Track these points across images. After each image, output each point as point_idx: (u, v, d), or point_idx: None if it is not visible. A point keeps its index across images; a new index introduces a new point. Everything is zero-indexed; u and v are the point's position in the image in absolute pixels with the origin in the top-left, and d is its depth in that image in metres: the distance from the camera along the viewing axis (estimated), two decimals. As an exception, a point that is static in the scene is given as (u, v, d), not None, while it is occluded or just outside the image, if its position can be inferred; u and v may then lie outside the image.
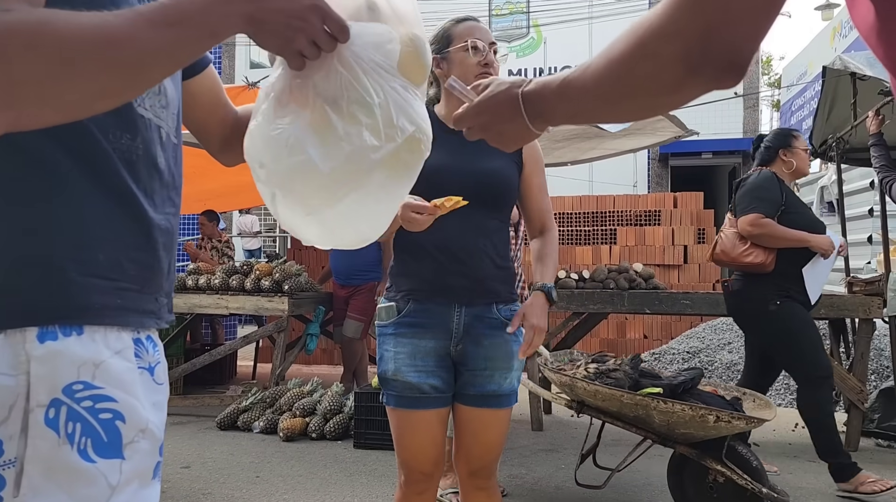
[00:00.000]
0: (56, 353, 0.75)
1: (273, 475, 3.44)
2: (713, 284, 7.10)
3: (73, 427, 0.75)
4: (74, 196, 0.78)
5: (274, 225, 13.10)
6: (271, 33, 0.77)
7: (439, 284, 1.73)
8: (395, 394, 1.74)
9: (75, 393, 0.76)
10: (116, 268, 0.81)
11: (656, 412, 2.54)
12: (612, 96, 0.81)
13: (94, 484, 0.77)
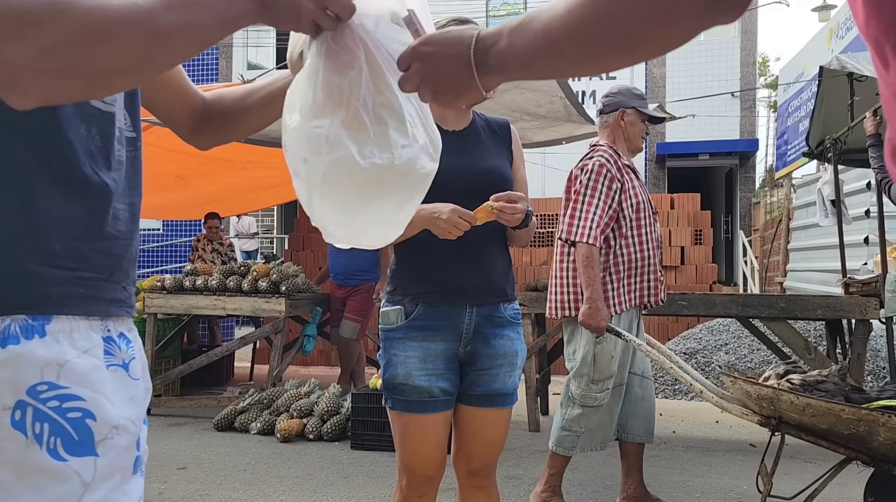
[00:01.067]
0: (18, 356, 0.75)
1: (270, 476, 3.44)
2: (709, 285, 7.12)
3: (41, 427, 0.76)
4: (29, 187, 0.78)
5: (271, 226, 13.09)
6: (282, 9, 0.78)
7: (452, 286, 1.72)
8: (404, 400, 1.71)
9: (40, 394, 0.76)
10: (76, 258, 0.81)
11: (884, 428, 2.22)
12: (589, 28, 0.71)
13: (67, 482, 0.77)
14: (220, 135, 1.12)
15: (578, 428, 2.78)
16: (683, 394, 5.75)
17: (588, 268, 2.62)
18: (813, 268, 7.89)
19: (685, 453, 3.95)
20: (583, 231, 2.65)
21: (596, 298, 2.59)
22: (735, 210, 12.64)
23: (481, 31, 0.81)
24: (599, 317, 2.58)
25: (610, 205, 2.71)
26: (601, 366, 2.71)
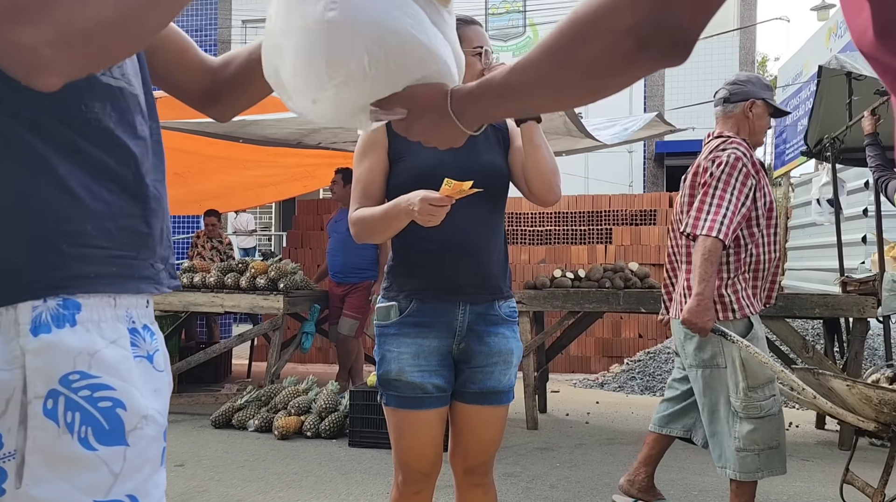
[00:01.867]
0: (50, 345, 0.76)
1: (268, 473, 3.44)
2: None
3: (73, 416, 0.76)
4: (53, 170, 0.79)
5: (269, 223, 13.08)
6: None
7: (447, 282, 1.72)
8: (397, 395, 1.72)
9: (72, 383, 0.77)
10: (107, 237, 0.82)
11: None
12: (556, 84, 0.81)
13: (96, 472, 0.78)
14: (235, 101, 1.10)
15: (756, 446, 2.49)
16: (681, 393, 5.76)
17: (707, 262, 2.41)
18: (811, 266, 7.91)
19: (683, 451, 3.95)
20: (710, 225, 2.43)
21: (707, 296, 2.41)
22: (733, 209, 12.66)
23: (454, 88, 0.91)
24: (707, 317, 2.40)
25: (743, 203, 2.49)
26: (753, 371, 2.47)
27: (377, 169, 1.77)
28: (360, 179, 1.78)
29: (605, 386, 6.09)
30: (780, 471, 2.56)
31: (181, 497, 3.08)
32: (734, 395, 2.49)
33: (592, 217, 7.53)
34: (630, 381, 6.06)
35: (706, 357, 2.55)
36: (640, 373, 6.12)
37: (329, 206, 7.71)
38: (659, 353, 6.30)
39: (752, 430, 2.48)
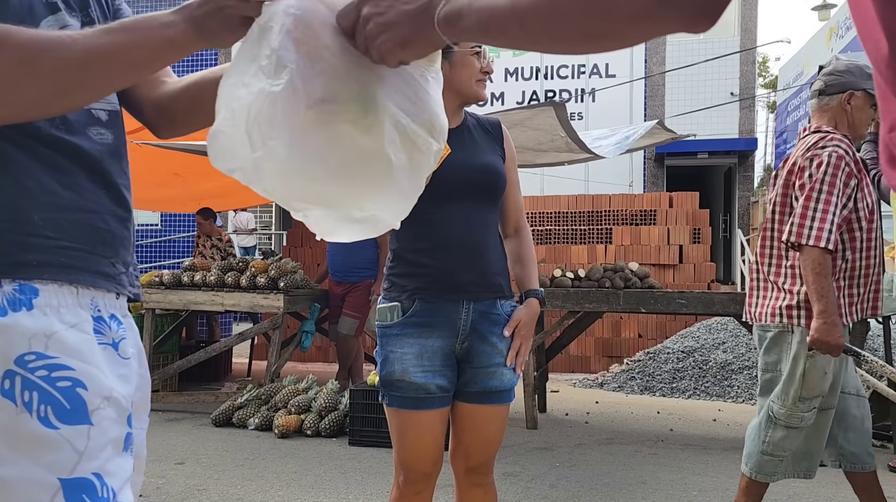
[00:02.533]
0: (5, 327, 0.78)
1: (268, 472, 3.44)
2: (708, 284, 7.13)
3: (30, 395, 0.78)
4: (5, 166, 0.80)
5: (269, 222, 13.08)
6: (210, 16, 0.80)
7: (449, 281, 1.72)
8: (400, 396, 1.72)
9: (28, 364, 0.78)
10: (55, 228, 0.83)
11: None
12: (557, 10, 0.69)
13: (59, 450, 0.79)
14: (183, 126, 1.06)
15: (782, 452, 2.44)
16: (681, 393, 5.76)
17: (821, 276, 2.24)
18: (811, 267, 7.90)
19: (683, 451, 3.96)
20: (818, 233, 2.26)
21: (832, 312, 2.23)
22: (733, 209, 12.65)
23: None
24: (836, 334, 2.21)
25: (845, 205, 2.33)
26: (811, 384, 2.36)
27: None
28: None
29: (605, 386, 6.10)
30: (806, 476, 2.52)
31: (181, 495, 3.09)
32: (780, 402, 2.42)
33: (592, 217, 7.53)
34: (630, 381, 6.06)
35: (770, 361, 2.47)
36: (639, 373, 6.13)
37: (329, 205, 7.70)
38: (658, 353, 6.30)
39: (784, 437, 2.43)
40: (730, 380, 5.76)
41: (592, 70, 12.17)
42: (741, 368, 5.83)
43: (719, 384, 5.75)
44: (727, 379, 5.78)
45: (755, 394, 5.29)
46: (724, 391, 5.66)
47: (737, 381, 5.72)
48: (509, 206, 1.90)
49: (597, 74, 12.19)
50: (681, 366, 6.05)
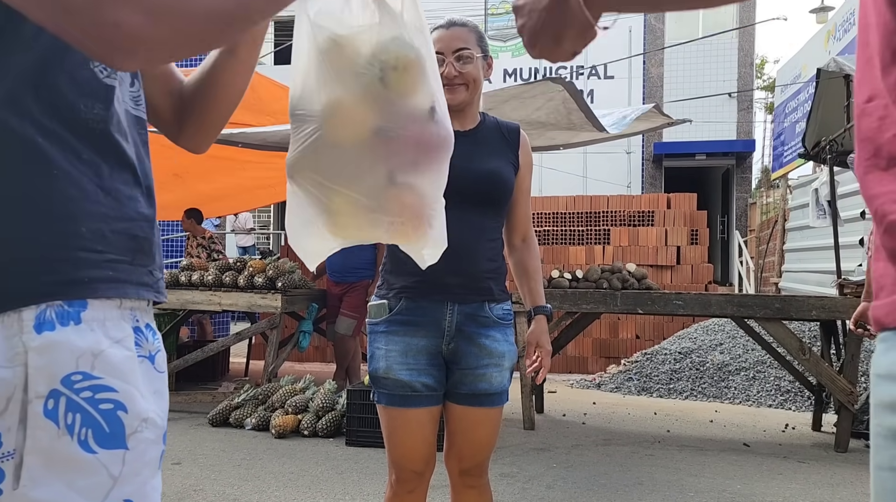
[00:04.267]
0: (54, 344, 0.74)
1: (264, 472, 3.44)
2: (705, 285, 7.14)
3: (73, 418, 0.75)
4: (49, 171, 0.77)
5: (268, 222, 13.07)
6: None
7: (433, 281, 1.72)
8: (387, 393, 1.74)
9: (74, 384, 0.75)
10: (102, 240, 0.80)
11: None
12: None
13: (95, 475, 0.76)
14: (202, 120, 1.02)
15: None
16: (678, 394, 5.77)
17: None
18: (808, 268, 7.92)
19: (679, 452, 3.96)
20: None
21: None
22: (731, 210, 12.67)
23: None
24: None
25: None
26: None
27: None
28: None
29: (603, 387, 6.10)
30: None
31: (177, 495, 3.08)
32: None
33: (591, 218, 7.54)
34: (627, 382, 6.07)
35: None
36: (637, 374, 6.13)
37: (327, 205, 7.70)
38: (656, 354, 6.31)
39: None
40: (727, 382, 5.77)
41: (591, 72, 12.19)
42: (738, 369, 5.84)
43: (716, 385, 5.76)
44: (724, 380, 5.79)
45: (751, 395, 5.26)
46: (721, 392, 5.67)
47: (734, 382, 5.73)
48: (518, 215, 1.89)
49: (595, 76, 12.21)
50: (678, 367, 6.06)
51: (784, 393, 5.47)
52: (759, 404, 5.43)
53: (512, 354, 1.79)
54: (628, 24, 11.92)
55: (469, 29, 1.78)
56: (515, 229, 1.91)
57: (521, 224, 1.91)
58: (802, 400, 5.31)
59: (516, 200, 1.87)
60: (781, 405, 5.36)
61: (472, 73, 1.75)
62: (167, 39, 0.65)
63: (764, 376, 5.69)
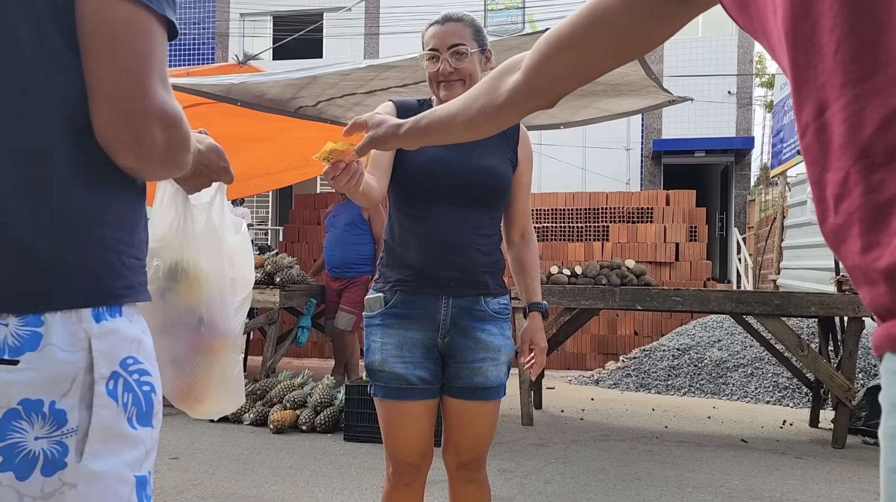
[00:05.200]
0: (112, 331, 0.85)
1: (262, 466, 3.44)
2: (704, 282, 7.14)
3: (127, 397, 0.85)
4: (125, 191, 0.89)
5: (266, 217, 13.06)
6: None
7: (427, 275, 1.73)
8: (383, 385, 1.74)
9: (129, 367, 0.86)
10: (140, 247, 0.92)
11: None
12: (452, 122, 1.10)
13: (137, 449, 0.86)
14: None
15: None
16: (676, 390, 5.77)
17: None
18: (806, 265, 7.93)
19: (677, 448, 3.97)
20: None
21: None
22: (730, 207, 12.68)
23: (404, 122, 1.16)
24: None
25: None
26: None
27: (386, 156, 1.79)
28: (372, 163, 1.81)
29: (601, 383, 6.11)
30: None
31: (175, 489, 3.08)
32: None
33: (589, 214, 7.53)
34: (625, 378, 6.07)
35: None
36: (635, 371, 6.14)
37: (326, 201, 7.69)
38: (654, 351, 6.32)
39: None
40: (725, 378, 5.77)
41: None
42: (736, 366, 5.85)
43: (714, 382, 5.76)
44: (722, 376, 5.80)
45: (749, 391, 5.27)
46: (719, 389, 5.68)
47: (731, 379, 5.74)
48: (517, 210, 1.88)
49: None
50: (676, 363, 6.06)
51: (782, 389, 5.48)
52: (757, 400, 5.43)
53: (508, 348, 1.79)
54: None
55: (465, 23, 1.76)
56: (514, 225, 1.90)
57: (520, 220, 1.90)
58: (800, 396, 5.32)
59: (515, 196, 1.87)
60: (779, 401, 5.37)
61: (467, 68, 1.74)
62: (157, 169, 0.89)
63: (762, 372, 5.70)
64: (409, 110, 1.75)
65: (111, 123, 0.81)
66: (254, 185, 7.81)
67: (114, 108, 0.81)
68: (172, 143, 0.85)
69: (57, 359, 0.80)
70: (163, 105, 0.83)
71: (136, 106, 0.81)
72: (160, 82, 0.83)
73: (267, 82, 4.60)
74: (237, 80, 4.42)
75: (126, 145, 0.83)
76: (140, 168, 0.86)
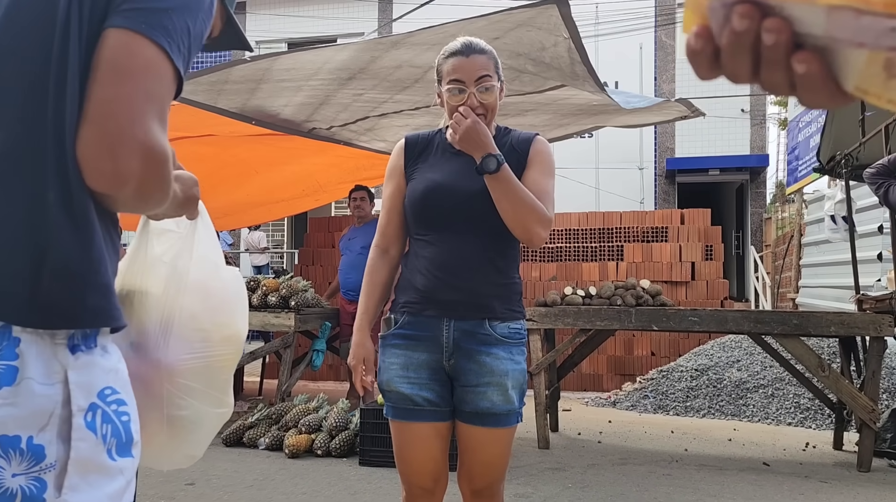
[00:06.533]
0: (89, 362, 0.84)
1: (277, 493, 3.42)
2: (721, 301, 7.06)
3: (106, 428, 0.84)
4: (94, 218, 0.88)
5: (281, 241, 13.14)
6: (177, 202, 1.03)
7: (431, 297, 1.73)
8: (392, 406, 1.77)
9: (107, 398, 0.85)
10: (112, 278, 0.92)
11: None
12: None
13: (117, 481, 0.85)
14: None
15: None
16: (695, 411, 5.69)
17: None
18: (825, 284, 7.83)
19: (698, 472, 3.90)
20: None
21: None
22: (746, 225, 12.57)
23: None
24: None
25: None
26: None
27: (396, 196, 1.84)
28: (384, 206, 1.88)
29: (618, 405, 6.03)
30: None
31: (191, 516, 3.07)
32: None
33: (604, 234, 7.50)
34: (643, 400, 5.99)
35: None
36: (653, 392, 6.06)
37: (340, 224, 7.73)
38: (672, 372, 6.24)
39: None
40: (745, 399, 5.68)
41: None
42: (756, 387, 5.75)
43: (734, 403, 5.67)
44: (742, 397, 5.70)
45: (771, 413, 5.18)
46: (740, 410, 5.58)
47: (752, 400, 5.64)
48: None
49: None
50: (694, 384, 5.98)
51: (804, 410, 5.38)
52: (779, 422, 5.33)
53: (517, 373, 1.74)
54: (639, 41, 11.95)
55: (488, 56, 1.76)
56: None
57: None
58: (823, 417, 5.22)
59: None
60: (801, 423, 5.27)
61: (492, 103, 1.76)
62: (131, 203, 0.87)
63: (783, 393, 5.60)
64: (418, 143, 1.84)
65: (95, 143, 0.80)
66: (267, 212, 7.88)
67: (103, 129, 0.80)
68: (150, 180, 0.83)
69: (34, 392, 0.78)
70: (152, 140, 0.82)
71: (126, 132, 0.80)
72: (157, 121, 0.83)
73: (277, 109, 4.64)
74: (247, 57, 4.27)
75: (102, 169, 0.81)
76: (111, 196, 0.84)
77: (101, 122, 0.80)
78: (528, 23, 3.63)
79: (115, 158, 0.80)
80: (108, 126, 0.80)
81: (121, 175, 0.81)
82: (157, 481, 3.42)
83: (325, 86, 4.32)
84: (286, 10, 13.37)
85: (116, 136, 0.80)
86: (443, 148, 1.82)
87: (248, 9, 13.79)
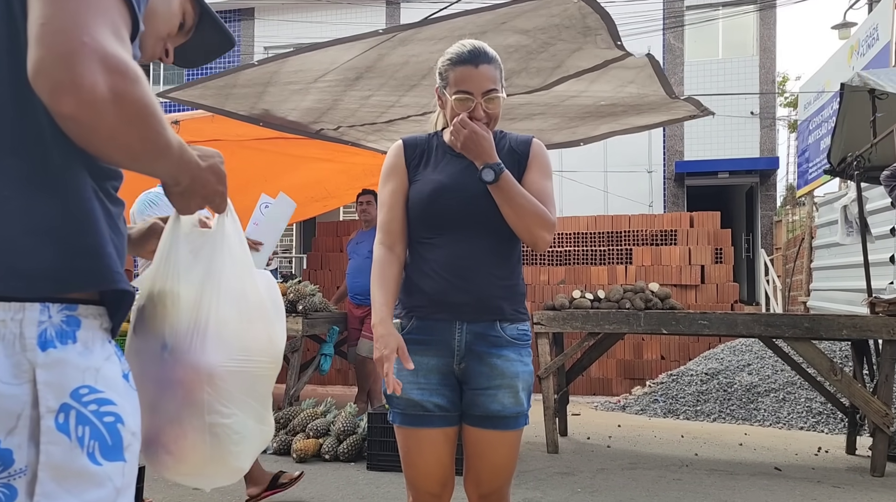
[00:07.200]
0: (60, 360, 0.77)
1: (285, 497, 3.41)
2: (731, 304, 7.01)
3: (83, 430, 0.77)
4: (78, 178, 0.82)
5: (290, 246, 13.18)
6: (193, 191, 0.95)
7: (440, 300, 1.71)
8: (400, 412, 1.74)
9: (82, 397, 0.78)
10: (122, 255, 0.88)
11: None
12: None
13: (103, 487, 0.78)
14: None
15: None
16: (705, 416, 5.64)
17: None
18: (837, 287, 7.76)
19: (708, 477, 3.86)
20: None
21: None
22: (756, 228, 12.50)
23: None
24: None
25: None
26: None
27: (399, 194, 1.80)
28: (384, 204, 1.82)
29: (628, 409, 5.99)
30: None
31: (198, 520, 3.07)
32: None
33: (612, 237, 7.47)
34: (653, 404, 5.95)
35: None
36: (662, 396, 6.02)
37: (348, 228, 7.74)
38: (682, 375, 6.19)
39: None
40: (756, 403, 5.63)
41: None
42: (767, 391, 5.70)
43: (745, 407, 5.62)
44: (753, 401, 5.65)
45: (782, 417, 5.14)
46: (751, 414, 5.53)
47: (763, 404, 5.59)
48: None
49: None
50: (705, 388, 5.93)
51: (816, 414, 5.32)
52: (790, 426, 5.28)
53: (527, 375, 1.74)
54: (647, 44, 11.93)
55: (494, 65, 1.76)
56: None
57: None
58: (835, 422, 5.16)
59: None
60: (813, 427, 5.21)
61: (497, 113, 1.77)
62: (108, 126, 0.74)
63: (794, 397, 5.55)
64: (416, 146, 1.83)
65: (45, 58, 0.71)
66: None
67: (50, 42, 0.72)
68: (124, 96, 0.73)
69: (1, 392, 0.73)
70: (108, 47, 0.73)
71: (74, 43, 0.71)
72: (109, 31, 0.74)
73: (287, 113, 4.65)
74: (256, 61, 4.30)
75: (61, 86, 0.71)
76: (83, 120, 0.73)
77: (47, 37, 0.72)
78: (535, 11, 3.57)
79: (70, 66, 0.71)
80: (56, 38, 0.72)
81: (83, 85, 0.71)
82: (163, 486, 3.42)
83: (333, 87, 4.32)
84: (294, 16, 13.44)
85: (66, 45, 0.71)
86: (442, 150, 1.81)
87: (257, 14, 13.88)
